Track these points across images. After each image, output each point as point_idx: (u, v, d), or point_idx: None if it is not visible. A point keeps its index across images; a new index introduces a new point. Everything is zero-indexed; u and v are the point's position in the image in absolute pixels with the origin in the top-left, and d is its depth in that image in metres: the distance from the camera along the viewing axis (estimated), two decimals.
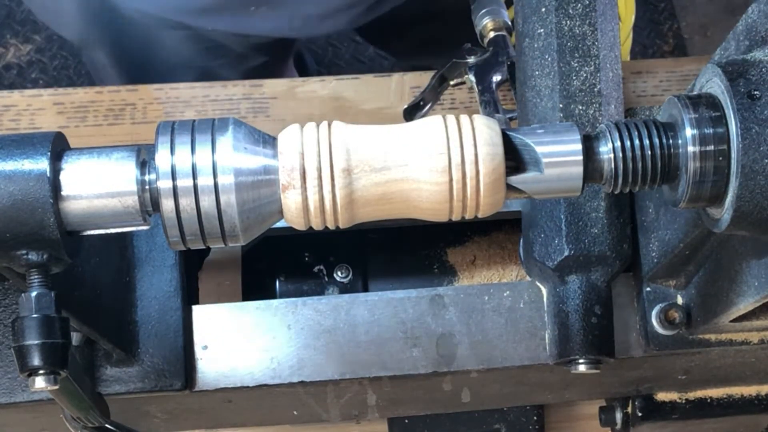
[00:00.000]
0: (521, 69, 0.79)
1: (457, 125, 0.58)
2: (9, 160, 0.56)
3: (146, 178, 0.57)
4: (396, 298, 0.80)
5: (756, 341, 0.79)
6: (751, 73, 0.56)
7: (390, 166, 0.57)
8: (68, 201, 0.56)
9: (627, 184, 0.60)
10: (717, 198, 0.58)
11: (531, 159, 0.59)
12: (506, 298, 0.80)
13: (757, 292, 0.65)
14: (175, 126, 0.57)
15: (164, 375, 0.77)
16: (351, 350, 0.80)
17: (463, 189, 0.57)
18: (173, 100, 1.07)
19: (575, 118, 0.75)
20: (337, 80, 1.09)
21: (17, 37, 2.13)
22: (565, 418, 1.05)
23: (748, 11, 0.61)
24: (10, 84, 2.10)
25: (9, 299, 0.72)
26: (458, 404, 0.88)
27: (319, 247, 0.93)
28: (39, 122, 1.05)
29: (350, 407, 0.86)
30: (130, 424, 0.74)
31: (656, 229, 0.76)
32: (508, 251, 0.93)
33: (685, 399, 0.90)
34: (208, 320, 0.80)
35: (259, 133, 0.58)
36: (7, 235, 0.55)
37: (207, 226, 0.57)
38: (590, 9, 0.77)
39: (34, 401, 0.75)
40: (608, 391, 0.93)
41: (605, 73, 0.76)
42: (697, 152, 0.57)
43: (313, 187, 0.56)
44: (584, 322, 0.75)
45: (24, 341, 0.57)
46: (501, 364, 0.80)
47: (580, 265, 0.75)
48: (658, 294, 0.79)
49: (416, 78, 1.09)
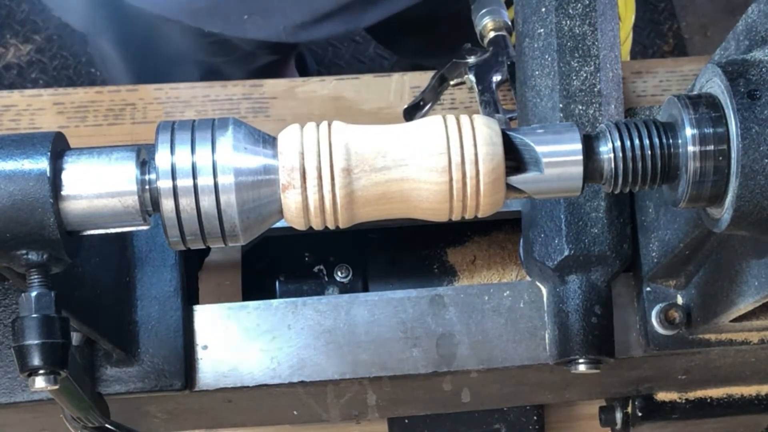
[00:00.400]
0: (521, 69, 0.79)
1: (457, 125, 0.58)
2: (9, 160, 0.56)
3: (146, 177, 0.57)
4: (396, 298, 0.80)
5: (756, 341, 0.79)
6: (751, 73, 0.56)
7: (390, 165, 0.57)
8: (68, 201, 0.56)
9: (627, 184, 0.60)
10: (717, 198, 0.58)
11: (531, 159, 0.59)
12: (506, 298, 0.80)
13: (757, 292, 0.65)
14: (175, 126, 0.57)
15: (164, 375, 0.77)
16: (351, 350, 0.80)
17: (463, 189, 0.57)
18: (173, 100, 1.07)
19: (575, 118, 0.75)
20: (337, 80, 1.09)
21: (17, 37, 2.13)
22: (565, 418, 1.05)
23: (748, 11, 0.61)
24: (10, 84, 2.10)
25: (9, 299, 0.72)
26: (458, 404, 0.88)
27: (319, 247, 0.93)
28: (39, 122, 1.05)
29: (350, 407, 0.86)
30: (130, 424, 0.74)
31: (656, 229, 0.76)
32: (508, 251, 0.93)
33: (685, 399, 0.90)
34: (208, 320, 0.80)
35: (259, 133, 0.58)
36: (7, 235, 0.55)
37: (207, 226, 0.57)
38: (590, 9, 0.77)
39: (34, 401, 0.75)
40: (608, 391, 0.93)
41: (605, 73, 0.76)
42: (697, 152, 0.57)
43: (313, 187, 0.56)
44: (584, 322, 0.75)
45: (24, 341, 0.57)
46: (501, 364, 0.80)
47: (580, 265, 0.75)
48: (658, 294, 0.79)
49: (416, 78, 1.09)
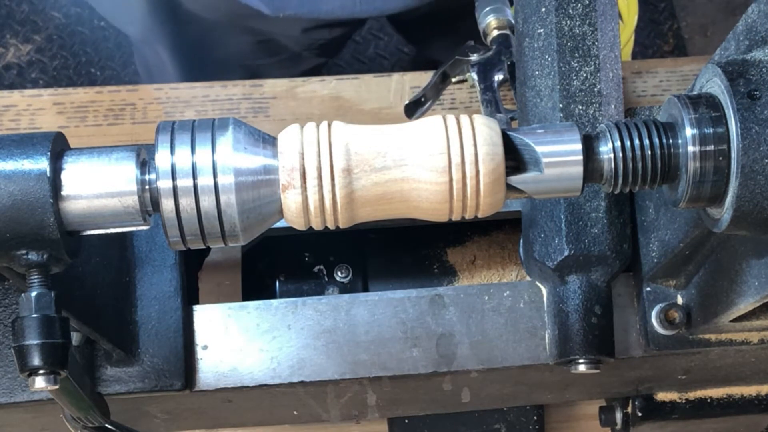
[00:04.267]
0: (521, 69, 0.79)
1: (457, 125, 0.58)
2: (9, 160, 0.56)
3: (146, 177, 0.57)
4: (396, 298, 0.80)
5: (756, 341, 0.79)
6: (751, 73, 0.56)
7: (390, 165, 0.57)
8: (68, 201, 0.56)
9: (627, 184, 0.60)
10: (717, 198, 0.58)
11: (531, 159, 0.59)
12: (506, 298, 0.80)
13: (757, 292, 0.65)
14: (175, 126, 0.57)
15: (164, 375, 0.77)
16: (351, 350, 0.80)
17: (463, 189, 0.57)
18: (173, 100, 1.07)
19: (575, 118, 0.75)
20: (337, 80, 1.09)
21: (17, 37, 2.13)
22: (565, 418, 1.05)
23: (748, 11, 0.61)
24: (10, 84, 2.10)
25: (9, 299, 0.72)
26: (458, 404, 0.88)
27: (319, 247, 0.93)
28: (39, 122, 1.05)
29: (350, 407, 0.86)
30: (130, 424, 0.74)
31: (656, 229, 0.76)
32: (508, 251, 0.93)
33: (685, 399, 0.90)
34: (208, 320, 0.80)
35: (259, 133, 0.58)
36: (7, 235, 0.55)
37: (207, 226, 0.57)
38: (590, 9, 0.77)
39: (34, 401, 0.75)
40: (608, 391, 0.93)
41: (605, 73, 0.76)
42: (697, 152, 0.57)
43: (313, 187, 0.56)
44: (584, 322, 0.75)
45: (24, 341, 0.57)
46: (501, 364, 0.80)
47: (580, 265, 0.75)
48: (658, 294, 0.79)
49: (416, 78, 1.09)
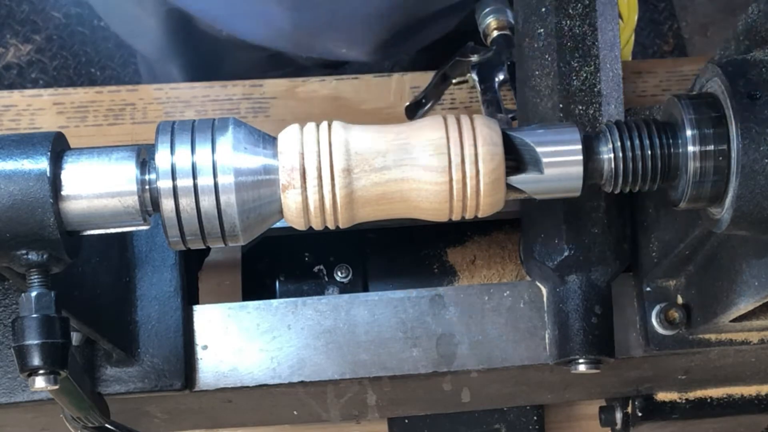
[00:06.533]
0: (521, 69, 0.79)
1: (457, 125, 0.58)
2: (9, 160, 0.56)
3: (146, 177, 0.57)
4: (396, 298, 0.80)
5: (756, 341, 0.79)
6: (751, 73, 0.56)
7: (390, 165, 0.57)
8: (68, 201, 0.56)
9: (627, 184, 0.60)
10: (717, 198, 0.58)
11: (531, 159, 0.59)
12: (506, 298, 0.80)
13: (757, 292, 0.65)
14: (175, 126, 0.57)
15: (164, 375, 0.77)
16: (351, 350, 0.80)
17: (463, 189, 0.57)
18: (173, 100, 1.06)
19: (575, 118, 0.75)
20: (337, 80, 1.09)
21: (17, 37, 2.13)
22: (565, 418, 1.05)
23: (748, 11, 0.61)
24: (10, 84, 2.10)
25: (9, 299, 0.72)
26: (458, 404, 0.88)
27: (319, 247, 0.93)
28: (39, 122, 1.05)
29: (350, 407, 0.86)
30: (130, 424, 0.74)
31: (656, 229, 0.76)
32: (508, 251, 0.93)
33: (685, 399, 0.90)
34: (208, 320, 0.80)
35: (259, 133, 0.58)
36: (7, 235, 0.55)
37: (207, 226, 0.57)
38: (590, 9, 0.77)
39: (34, 401, 0.75)
40: (608, 391, 0.93)
41: (605, 73, 0.76)
42: (697, 152, 0.57)
43: (313, 187, 0.56)
44: (584, 322, 0.75)
45: (24, 341, 0.57)
46: (501, 364, 0.80)
47: (580, 265, 0.75)
48: (658, 294, 0.79)
49: (416, 78, 1.09)
